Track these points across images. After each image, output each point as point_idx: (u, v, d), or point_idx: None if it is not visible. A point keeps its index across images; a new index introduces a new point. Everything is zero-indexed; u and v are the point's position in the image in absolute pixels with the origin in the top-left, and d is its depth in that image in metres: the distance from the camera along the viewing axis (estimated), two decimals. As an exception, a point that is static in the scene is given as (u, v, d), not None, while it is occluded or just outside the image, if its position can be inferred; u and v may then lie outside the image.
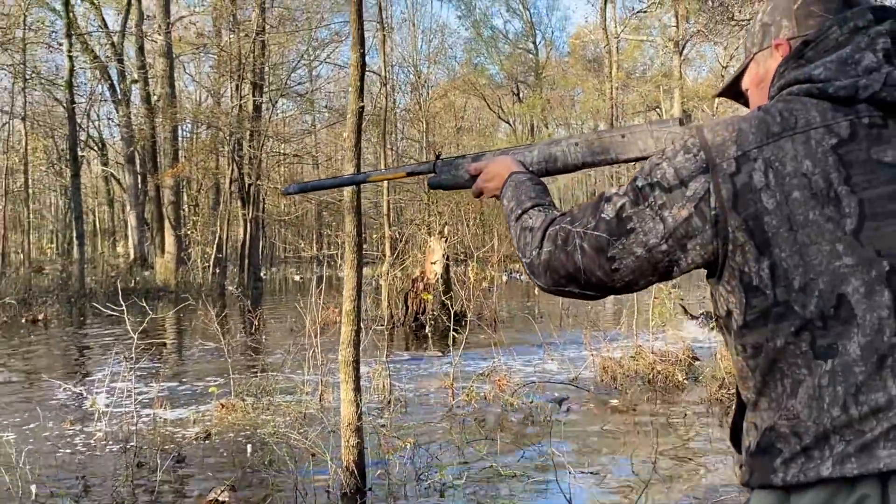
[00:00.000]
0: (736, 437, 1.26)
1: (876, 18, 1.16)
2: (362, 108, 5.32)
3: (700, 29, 31.57)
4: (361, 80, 5.33)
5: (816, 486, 1.06)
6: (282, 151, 30.35)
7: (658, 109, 43.55)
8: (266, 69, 23.51)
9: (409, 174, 1.91)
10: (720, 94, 1.50)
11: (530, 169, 1.64)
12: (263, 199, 25.41)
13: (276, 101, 27.09)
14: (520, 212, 1.44)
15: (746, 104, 1.43)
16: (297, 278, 30.45)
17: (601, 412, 6.84)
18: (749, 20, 19.22)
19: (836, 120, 1.11)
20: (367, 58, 5.75)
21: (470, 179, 1.72)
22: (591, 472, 5.06)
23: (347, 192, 5.23)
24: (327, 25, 26.17)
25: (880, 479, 1.02)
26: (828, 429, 1.06)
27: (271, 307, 18.18)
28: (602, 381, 7.92)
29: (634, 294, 9.29)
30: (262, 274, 26.69)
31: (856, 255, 1.07)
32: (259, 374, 7.56)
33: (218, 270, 22.97)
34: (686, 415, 6.66)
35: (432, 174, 1.82)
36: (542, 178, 1.63)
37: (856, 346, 1.05)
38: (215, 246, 23.37)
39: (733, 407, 1.28)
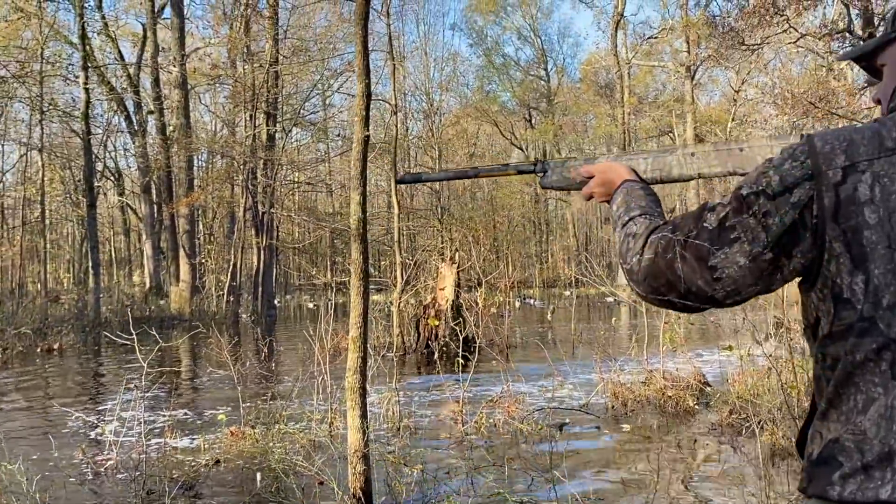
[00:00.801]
0: (802, 443, 1.24)
1: None
2: (367, 137, 5.39)
3: (711, 54, 31.73)
4: (367, 109, 5.40)
5: None
6: (295, 180, 30.57)
7: (671, 134, 43.57)
8: (279, 99, 23.77)
9: (519, 172, 1.86)
10: (844, 57, 1.43)
11: (642, 177, 1.61)
12: (277, 226, 25.57)
13: (290, 131, 27.35)
14: (627, 219, 1.41)
15: (875, 75, 1.37)
16: (311, 305, 30.50)
17: (612, 438, 6.80)
18: (760, 45, 19.10)
19: None
20: (380, 87, 5.84)
21: (581, 182, 1.69)
22: (599, 499, 5.03)
23: (353, 219, 5.28)
24: (340, 55, 26.43)
25: None
26: (893, 450, 1.06)
27: (285, 334, 18.21)
28: (613, 406, 7.88)
29: (646, 319, 9.32)
30: (276, 301, 26.78)
31: None
32: (269, 402, 7.58)
33: (232, 298, 23.08)
34: (696, 440, 6.61)
35: (542, 174, 1.78)
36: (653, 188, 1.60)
37: None
38: (229, 274, 23.51)
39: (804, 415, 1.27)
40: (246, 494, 5.31)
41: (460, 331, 8.32)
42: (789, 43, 23.59)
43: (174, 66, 24.33)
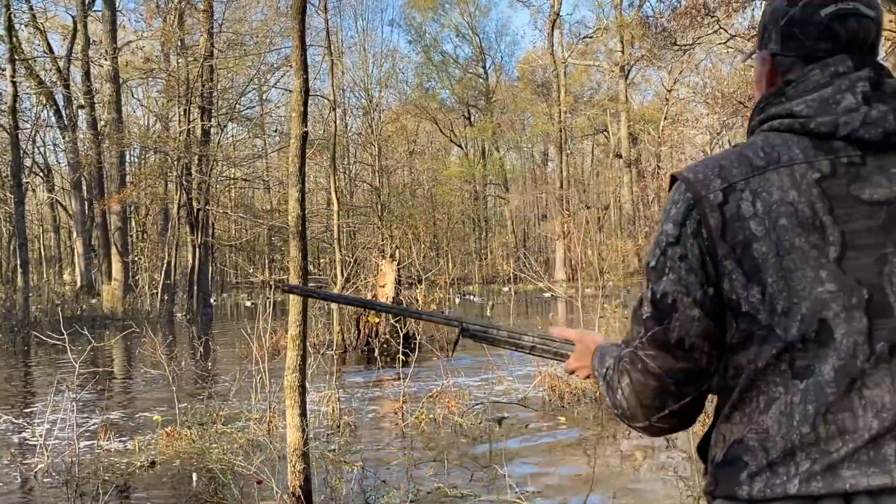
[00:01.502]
0: (704, 449, 1.26)
1: (855, 65, 1.21)
2: (306, 133, 5.36)
3: (644, 54, 32.36)
4: (305, 105, 5.38)
5: (782, 500, 1.09)
6: (231, 176, 30.11)
7: (605, 133, 44.33)
8: (215, 94, 23.37)
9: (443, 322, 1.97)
10: (744, 61, 1.51)
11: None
12: (213, 223, 25.16)
13: (226, 126, 26.92)
14: (602, 372, 1.38)
15: None
16: (248, 304, 30.07)
17: (549, 431, 6.92)
18: (692, 45, 19.54)
19: (818, 158, 1.16)
20: (318, 82, 5.81)
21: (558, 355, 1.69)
22: (537, 492, 5.12)
23: (292, 216, 5.24)
24: (276, 50, 26.11)
25: (844, 499, 1.07)
26: (795, 445, 1.10)
27: (221, 333, 17.95)
28: (550, 400, 8.01)
29: (580, 312, 9.48)
30: (211, 300, 26.35)
31: (838, 282, 1.11)
32: (206, 402, 7.48)
33: (166, 297, 22.62)
34: (631, 433, 6.77)
35: (463, 331, 1.81)
36: None
37: (830, 368, 1.10)
38: (163, 272, 23.04)
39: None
40: (182, 495, 5.24)
41: (401, 328, 8.33)
42: (719, 43, 24.23)
43: (105, 60, 23.70)
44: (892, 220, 1.13)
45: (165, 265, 22.89)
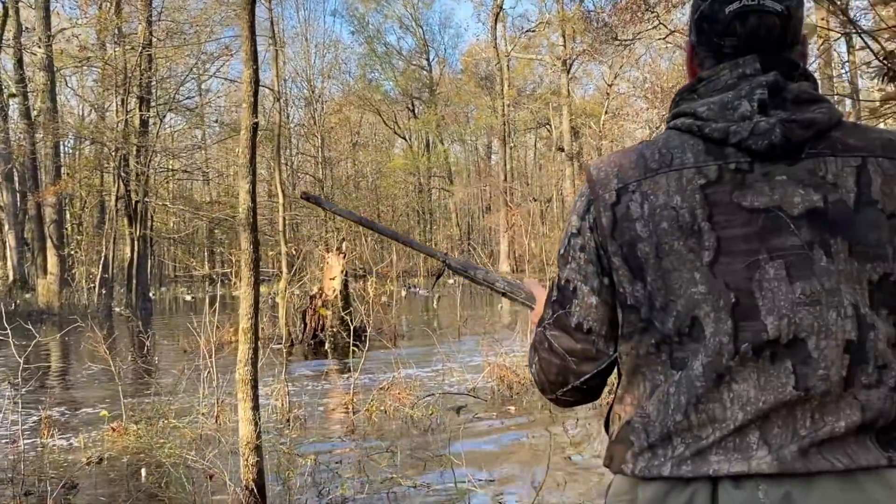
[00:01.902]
0: (608, 425, 1.35)
1: (763, 68, 1.24)
2: (256, 124, 5.31)
3: (586, 48, 32.75)
4: (255, 95, 5.33)
5: (658, 480, 1.18)
6: (170, 167, 29.52)
7: (548, 126, 44.77)
8: (153, 83, 22.86)
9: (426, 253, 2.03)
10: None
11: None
12: (152, 216, 24.64)
13: (165, 116, 26.36)
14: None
15: None
16: (188, 298, 29.60)
17: (499, 421, 7.01)
18: (632, 41, 19.85)
19: (707, 163, 1.21)
20: (260, 73, 5.74)
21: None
22: (489, 480, 5.19)
23: (243, 209, 5.19)
24: (217, 39, 25.65)
25: (711, 482, 1.15)
26: (671, 430, 1.18)
27: (162, 328, 17.63)
28: (499, 389, 8.10)
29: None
30: (150, 294, 25.83)
31: (709, 285, 1.17)
32: (153, 397, 7.36)
33: (104, 291, 22.10)
34: (577, 420, 6.90)
35: (445, 264, 1.93)
36: None
37: (699, 363, 1.17)
38: (101, 266, 22.49)
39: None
40: (134, 491, 5.17)
41: (351, 320, 8.32)
42: (659, 39, 24.66)
43: (39, 48, 22.96)
44: (770, 227, 1.17)
45: (103, 259, 22.34)
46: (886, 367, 1.15)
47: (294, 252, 15.60)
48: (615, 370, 1.33)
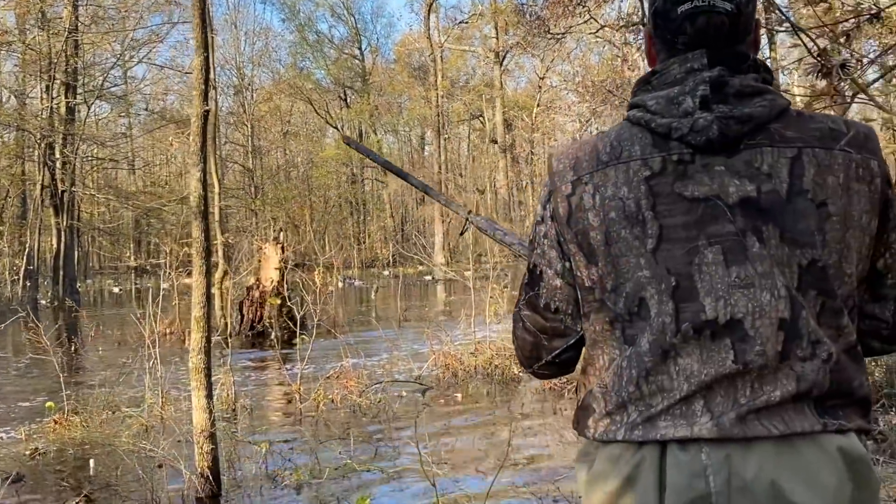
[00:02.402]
0: (578, 392, 1.49)
1: (710, 62, 1.33)
2: (207, 111, 5.29)
3: (518, 41, 33.07)
4: (206, 83, 5.31)
5: (614, 443, 1.31)
6: (97, 156, 28.66)
7: (481, 118, 45.06)
8: (80, 69, 22.16)
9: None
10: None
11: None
12: (78, 206, 23.91)
13: (92, 104, 25.57)
14: None
15: None
16: (115, 290, 28.86)
17: (446, 407, 7.12)
18: (564, 34, 20.09)
19: (652, 155, 1.31)
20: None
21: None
22: (443, 463, 5.30)
23: (194, 196, 5.16)
24: (147, 27, 25.00)
25: (660, 445, 1.27)
26: (625, 399, 1.30)
27: (91, 320, 17.18)
28: (444, 377, 8.22)
29: (471, 292, 9.75)
30: (77, 286, 25.08)
31: (652, 270, 1.29)
32: (98, 389, 7.22)
33: (28, 283, 21.38)
34: (523, 405, 7.07)
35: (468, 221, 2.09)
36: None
37: (646, 341, 1.29)
38: (25, 257, 21.74)
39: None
40: (83, 482, 5.10)
41: (297, 311, 8.32)
42: (590, 33, 25.11)
43: (-46, 29, 21.97)
44: (708, 215, 1.27)
45: (27, 250, 21.59)
46: (819, 342, 1.25)
47: (229, 243, 15.41)
48: (584, 346, 1.45)
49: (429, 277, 27.60)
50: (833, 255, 1.27)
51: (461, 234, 2.15)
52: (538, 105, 39.81)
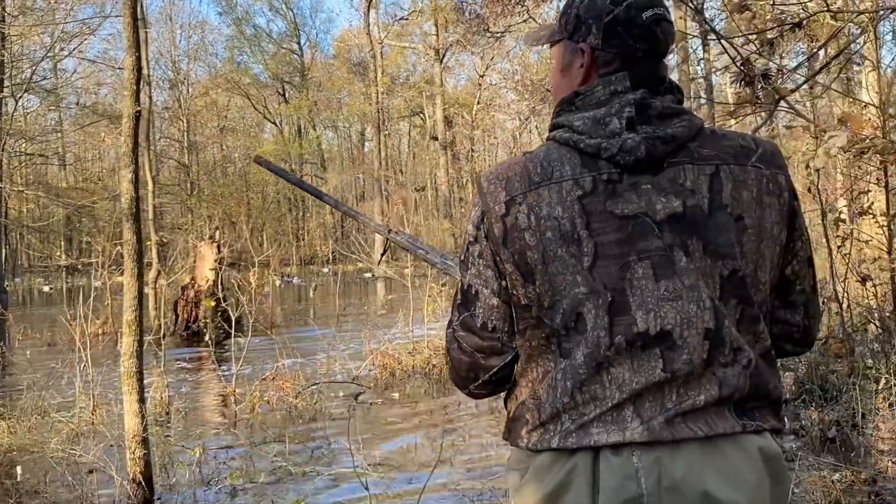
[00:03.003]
0: (507, 403, 1.54)
1: (633, 85, 1.39)
2: (139, 112, 5.21)
3: (458, 39, 33.20)
4: (138, 83, 5.23)
5: (548, 451, 1.36)
6: (26, 151, 27.77)
7: (422, 115, 45.08)
8: (6, 61, 21.43)
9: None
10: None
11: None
12: (6, 202, 23.13)
13: (20, 98, 24.76)
14: None
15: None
16: (46, 289, 28.02)
17: (384, 407, 7.16)
18: (503, 33, 20.31)
19: (583, 175, 1.36)
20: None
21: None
22: (378, 464, 5.34)
23: (125, 198, 5.08)
24: (78, 20, 24.30)
25: (593, 451, 1.33)
26: (559, 409, 1.36)
27: (19, 321, 16.66)
28: (382, 377, 8.25)
29: (409, 291, 9.80)
30: (5, 285, 24.28)
31: (589, 286, 1.35)
32: (24, 393, 7.04)
33: (-48, 283, 20.62)
34: (460, 404, 7.15)
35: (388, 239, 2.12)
36: None
37: (581, 354, 1.35)
38: (-52, 256, 20.96)
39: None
40: (10, 489, 4.98)
41: (232, 311, 8.23)
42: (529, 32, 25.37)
43: None
44: (637, 232, 1.34)
45: (-50, 248, 20.81)
46: (740, 349, 1.34)
47: (164, 241, 15.14)
48: (517, 358, 1.49)
49: (368, 275, 27.53)
50: (750, 265, 1.36)
51: (382, 254, 2.18)
52: (478, 102, 40.05)
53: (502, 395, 1.55)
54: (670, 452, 1.31)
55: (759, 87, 4.28)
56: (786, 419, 5.58)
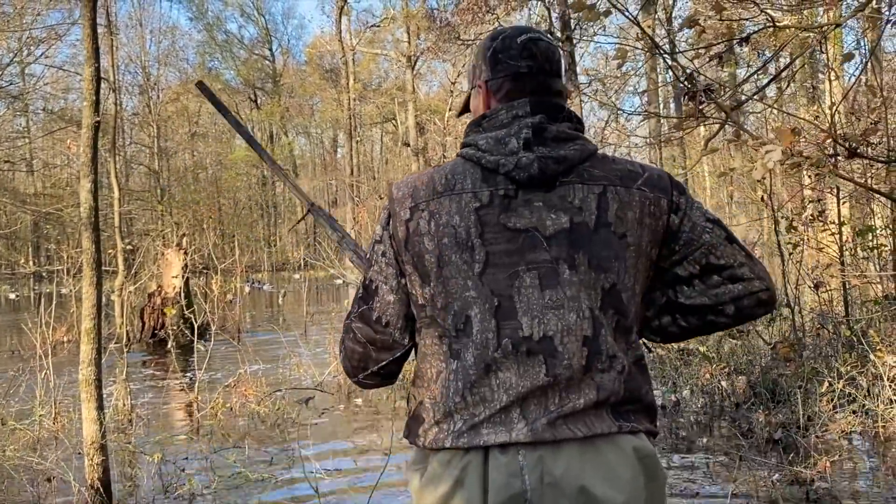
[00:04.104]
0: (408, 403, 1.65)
1: (532, 110, 1.53)
2: (98, 122, 5.27)
3: (430, 46, 33.34)
4: (97, 94, 5.28)
5: (443, 450, 1.47)
6: (-10, 157, 27.43)
7: (394, 121, 45.14)
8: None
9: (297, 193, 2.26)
10: (460, 115, 1.82)
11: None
12: (-30, 209, 22.83)
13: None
14: None
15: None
16: (11, 296, 27.73)
17: (346, 412, 7.24)
18: (474, 41, 20.54)
19: (482, 189, 1.49)
20: (101, 70, 5.65)
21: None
22: (337, 469, 5.42)
23: (84, 208, 5.13)
24: (46, 26, 24.08)
25: (483, 450, 1.44)
26: (451, 409, 1.47)
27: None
28: (345, 383, 8.31)
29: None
30: (-31, 292, 23.98)
31: (478, 291, 1.47)
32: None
33: (-85, 290, 20.33)
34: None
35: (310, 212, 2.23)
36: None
37: (471, 356, 1.47)
38: (-89, 263, 20.66)
39: None
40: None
41: (195, 318, 8.26)
42: (499, 40, 25.53)
43: None
44: (528, 244, 1.47)
45: (-87, 255, 20.51)
46: (615, 357, 1.47)
47: (130, 248, 15.07)
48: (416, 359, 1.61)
49: (339, 281, 27.50)
50: (629, 279, 1.49)
51: (297, 222, 2.31)
52: (450, 109, 40.16)
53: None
54: (552, 452, 1.42)
55: (700, 101, 4.44)
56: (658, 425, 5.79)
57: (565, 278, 1.46)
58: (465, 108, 1.73)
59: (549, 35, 1.60)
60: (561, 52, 1.64)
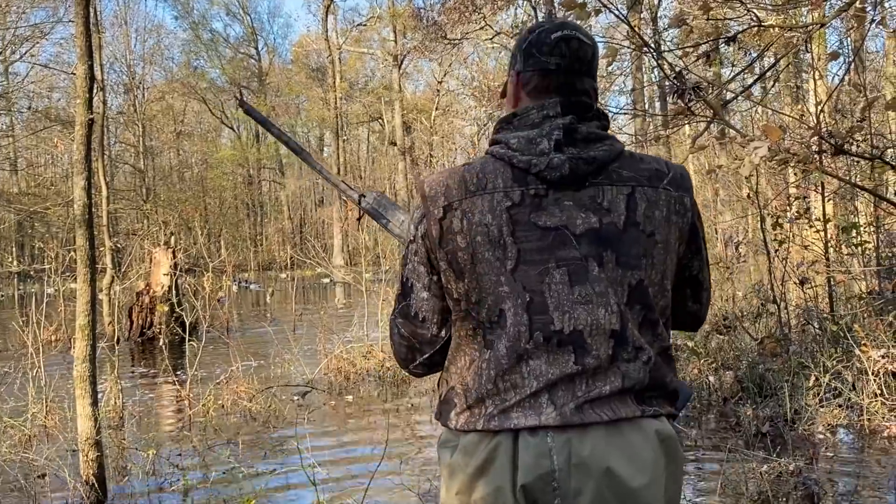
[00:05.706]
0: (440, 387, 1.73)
1: (563, 111, 1.59)
2: (92, 120, 5.28)
3: (416, 45, 33.37)
4: (90, 91, 5.29)
5: (474, 432, 1.55)
6: (-25, 156, 27.26)
7: (380, 120, 45.13)
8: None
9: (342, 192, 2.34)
10: (502, 97, 1.83)
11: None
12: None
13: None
14: None
15: None
16: (-3, 296, 27.50)
17: (338, 410, 7.27)
18: (460, 40, 20.53)
19: (513, 188, 1.55)
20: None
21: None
22: (331, 461, 5.46)
23: (78, 205, 5.15)
24: (31, 24, 23.97)
25: (513, 433, 1.52)
26: (483, 395, 1.55)
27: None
28: (337, 380, 8.36)
29: (364, 296, 9.92)
30: (-47, 292, 23.81)
31: (510, 286, 1.54)
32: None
33: None
34: (412, 405, 7.30)
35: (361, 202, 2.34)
36: None
37: (503, 346, 1.54)
38: None
39: None
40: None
41: (186, 316, 8.27)
42: (486, 39, 25.62)
43: None
44: (557, 241, 1.54)
45: None
46: (641, 349, 1.55)
47: (118, 247, 15.04)
48: (450, 348, 1.69)
49: (326, 280, 27.51)
50: (657, 275, 1.58)
51: (358, 219, 2.37)
52: (437, 108, 40.26)
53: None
54: (579, 434, 1.50)
55: (689, 99, 4.51)
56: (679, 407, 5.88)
57: (594, 275, 1.54)
58: (504, 93, 1.79)
59: (586, 33, 1.65)
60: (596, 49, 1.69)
